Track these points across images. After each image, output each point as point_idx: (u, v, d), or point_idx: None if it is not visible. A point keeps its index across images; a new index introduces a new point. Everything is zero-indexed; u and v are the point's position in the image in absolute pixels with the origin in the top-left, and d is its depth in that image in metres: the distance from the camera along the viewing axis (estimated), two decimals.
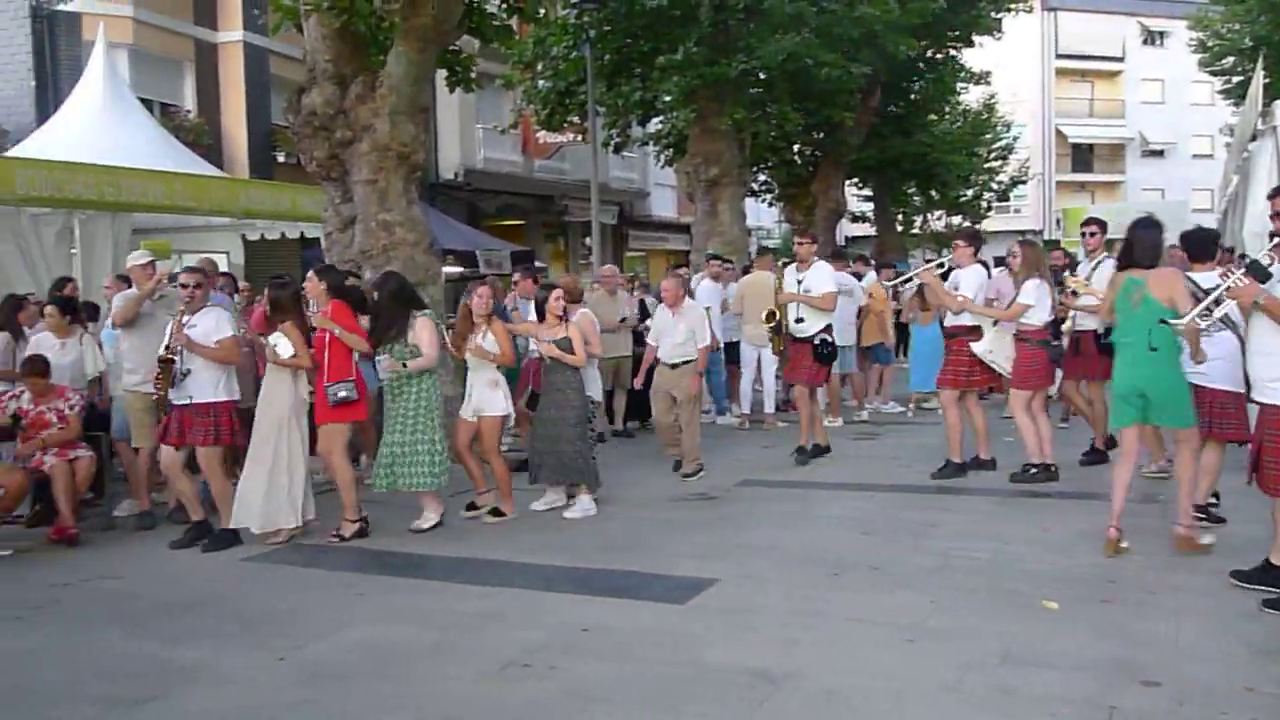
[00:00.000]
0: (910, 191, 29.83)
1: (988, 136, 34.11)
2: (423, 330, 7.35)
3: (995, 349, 8.55)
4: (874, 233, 29.88)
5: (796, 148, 22.50)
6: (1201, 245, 6.92)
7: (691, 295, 10.38)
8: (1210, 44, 27.97)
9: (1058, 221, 46.80)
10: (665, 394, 9.28)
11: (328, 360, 7.24)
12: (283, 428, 7.19)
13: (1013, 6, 23.30)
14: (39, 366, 7.66)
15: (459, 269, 18.62)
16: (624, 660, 4.79)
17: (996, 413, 10.47)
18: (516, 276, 11.08)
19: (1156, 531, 6.64)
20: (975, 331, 8.67)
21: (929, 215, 34.30)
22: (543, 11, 13.40)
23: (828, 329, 9.52)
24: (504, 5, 11.76)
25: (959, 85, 26.27)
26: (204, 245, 14.27)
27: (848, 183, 25.47)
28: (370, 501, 7.76)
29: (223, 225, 13.85)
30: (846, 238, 36.09)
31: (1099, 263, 8.83)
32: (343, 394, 7.22)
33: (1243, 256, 7.95)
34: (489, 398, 7.71)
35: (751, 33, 16.36)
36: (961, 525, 7.16)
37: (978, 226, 30.76)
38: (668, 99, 17.94)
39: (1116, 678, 4.37)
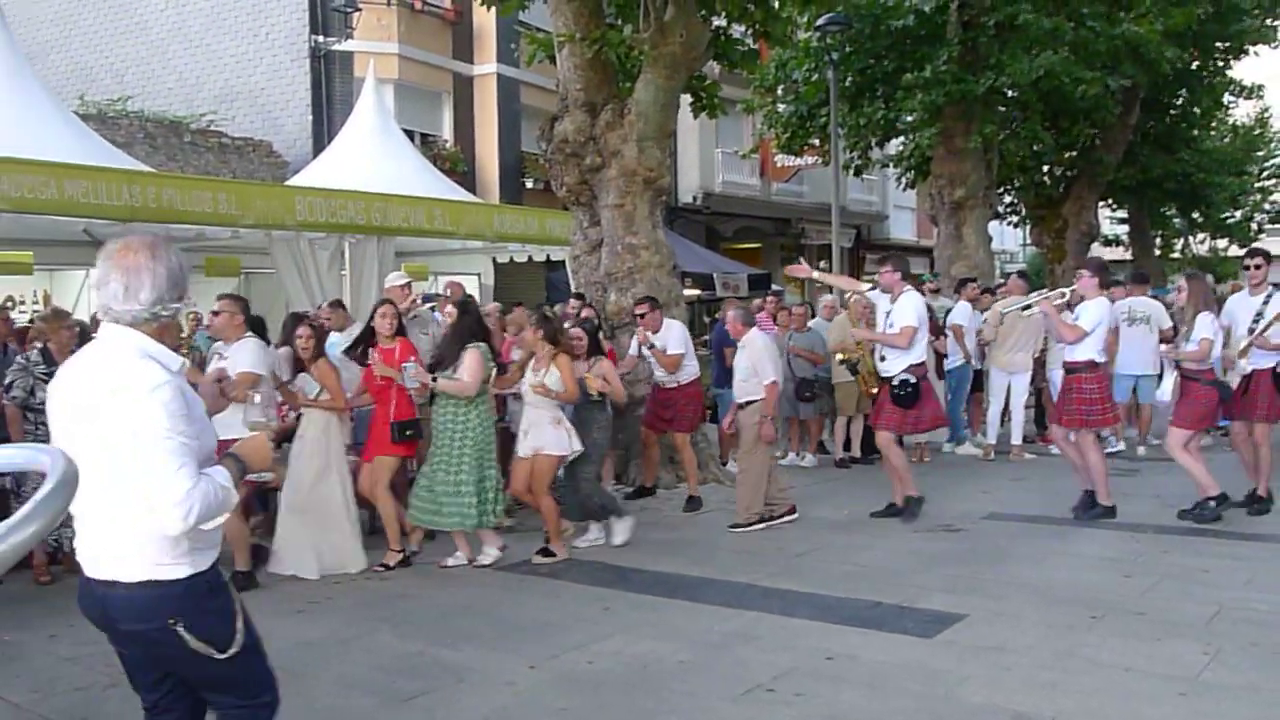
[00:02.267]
0: (1170, 213, 28.05)
1: (1260, 154, 31.72)
2: (468, 360, 7.03)
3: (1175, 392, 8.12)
4: (1129, 257, 28.25)
5: (1047, 168, 21.59)
6: None
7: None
8: None
9: None
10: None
11: (395, 397, 7.22)
12: (337, 469, 7.16)
13: None
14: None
15: (696, 291, 18.88)
16: (872, 691, 4.70)
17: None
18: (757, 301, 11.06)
19: None
20: (1096, 368, 8.14)
21: (1191, 238, 32.16)
22: (789, 34, 13.43)
23: (911, 368, 8.39)
24: (749, 30, 11.87)
25: (1227, 99, 24.52)
26: (459, 267, 15.07)
27: (1101, 204, 24.19)
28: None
29: (476, 248, 14.56)
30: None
31: (1269, 297, 8.12)
32: (409, 432, 7.29)
33: None
34: (552, 435, 7.32)
35: (1003, 49, 15.86)
36: (1235, 572, 6.65)
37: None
38: (910, 119, 17.60)
39: None
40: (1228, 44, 20.94)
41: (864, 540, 7.85)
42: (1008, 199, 23.08)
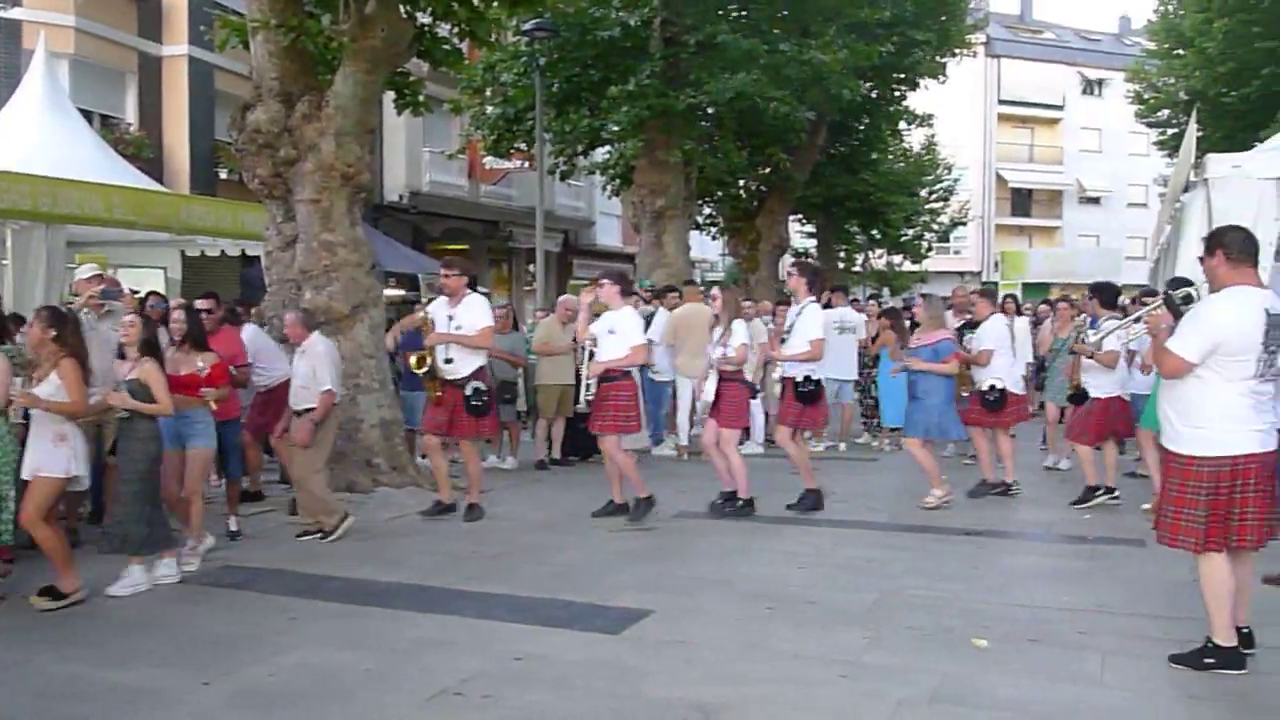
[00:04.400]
0: (853, 229, 30.21)
1: (929, 178, 34.70)
2: None
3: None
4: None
5: (742, 183, 22.70)
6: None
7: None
8: (1146, 96, 28.68)
9: (996, 264, 47.79)
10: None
11: None
12: None
13: (957, 52, 23.77)
14: None
15: (400, 292, 18.56)
16: (560, 690, 4.76)
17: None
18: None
19: (1088, 573, 6.78)
20: (629, 376, 8.68)
21: (871, 253, 34.75)
22: (494, 37, 13.42)
23: (480, 372, 8.57)
24: (455, 30, 11.76)
25: (902, 127, 26.74)
26: (142, 260, 14.10)
27: (792, 219, 25.71)
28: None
29: (162, 241, 13.65)
30: (789, 273, 36.38)
31: (804, 307, 8.89)
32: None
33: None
34: (49, 453, 6.18)
35: (702, 67, 16.52)
36: (896, 562, 7.21)
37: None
38: (615, 128, 18.01)
39: (1042, 718, 4.43)
40: (903, 76, 22.80)
41: (560, 540, 7.95)
42: (707, 210, 24.07)
